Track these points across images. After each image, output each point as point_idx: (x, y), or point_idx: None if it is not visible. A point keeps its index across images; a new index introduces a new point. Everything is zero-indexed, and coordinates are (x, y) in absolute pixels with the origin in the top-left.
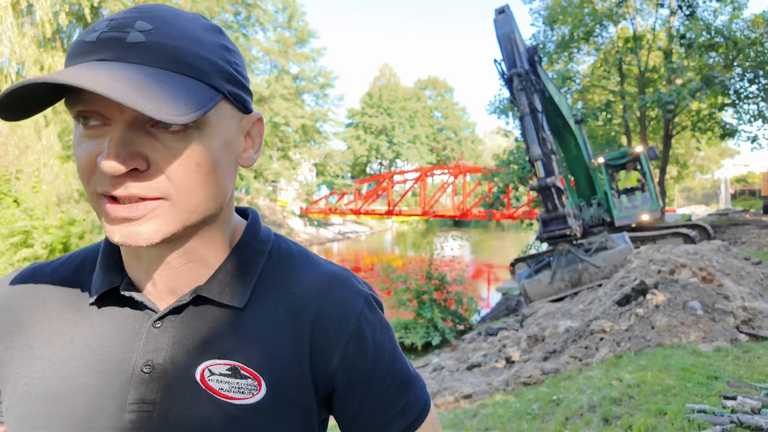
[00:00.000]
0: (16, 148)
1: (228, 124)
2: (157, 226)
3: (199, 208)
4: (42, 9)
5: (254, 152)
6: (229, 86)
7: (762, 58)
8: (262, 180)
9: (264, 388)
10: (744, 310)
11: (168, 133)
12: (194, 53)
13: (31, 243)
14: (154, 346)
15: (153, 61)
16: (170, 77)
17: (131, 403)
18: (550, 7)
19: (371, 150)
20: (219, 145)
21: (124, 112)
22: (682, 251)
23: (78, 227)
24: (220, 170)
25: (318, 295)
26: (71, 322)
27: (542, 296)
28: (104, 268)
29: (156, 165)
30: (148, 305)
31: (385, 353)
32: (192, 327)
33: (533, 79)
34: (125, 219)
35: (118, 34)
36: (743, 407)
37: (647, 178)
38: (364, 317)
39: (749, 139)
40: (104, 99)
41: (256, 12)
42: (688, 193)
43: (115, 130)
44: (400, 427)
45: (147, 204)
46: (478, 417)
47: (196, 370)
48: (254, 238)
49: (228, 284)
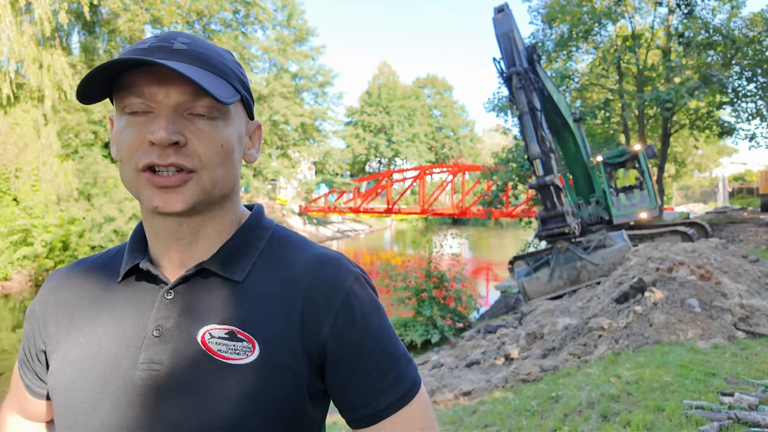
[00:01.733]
0: (16, 147)
1: (241, 122)
2: (188, 194)
3: (219, 183)
4: (41, 7)
5: (255, 152)
6: (243, 91)
7: (760, 56)
8: (261, 178)
9: (258, 350)
10: (741, 307)
11: (201, 119)
12: (221, 62)
13: (31, 241)
14: (164, 314)
15: (194, 62)
16: (208, 74)
17: (142, 362)
18: (549, 6)
19: (370, 148)
20: (235, 135)
21: (171, 99)
22: (680, 249)
23: (78, 226)
24: (235, 156)
25: (311, 272)
26: (100, 298)
27: (541, 294)
28: (130, 251)
29: (191, 142)
30: (162, 279)
31: (373, 327)
32: (197, 297)
33: (532, 78)
34: (164, 187)
35: (165, 44)
36: (740, 403)
37: (645, 177)
38: (353, 292)
39: (747, 137)
40: (152, 89)
41: (255, 10)
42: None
43: (162, 112)
44: (390, 399)
45: (182, 175)
46: (477, 414)
47: (198, 334)
48: (256, 224)
49: (229, 260)
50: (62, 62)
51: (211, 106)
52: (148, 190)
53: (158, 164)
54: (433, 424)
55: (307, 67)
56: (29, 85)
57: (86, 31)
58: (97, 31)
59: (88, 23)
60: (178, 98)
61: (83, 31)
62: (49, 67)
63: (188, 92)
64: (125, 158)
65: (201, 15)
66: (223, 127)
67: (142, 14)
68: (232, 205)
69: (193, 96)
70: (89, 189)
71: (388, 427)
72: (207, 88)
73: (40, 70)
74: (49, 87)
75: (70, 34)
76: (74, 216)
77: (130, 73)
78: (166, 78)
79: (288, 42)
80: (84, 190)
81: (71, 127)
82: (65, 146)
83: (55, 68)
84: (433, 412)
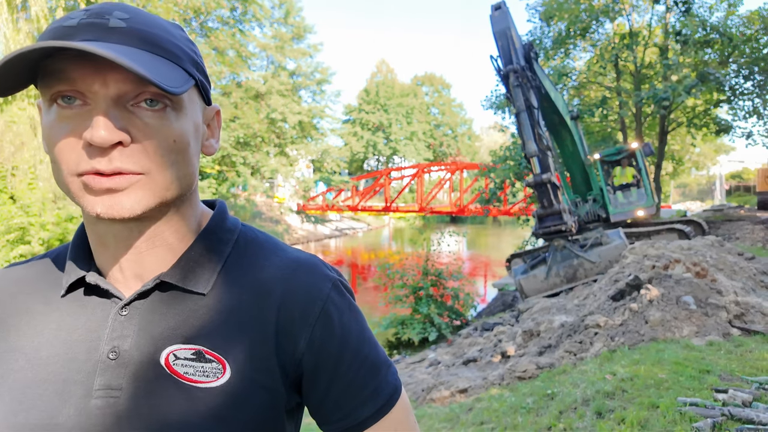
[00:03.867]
0: (12, 145)
1: (196, 110)
2: (138, 197)
3: (173, 185)
4: (37, 4)
5: (215, 142)
6: (197, 74)
7: (757, 54)
8: (259, 177)
9: (228, 371)
10: (737, 304)
11: (148, 111)
12: (169, 40)
13: (28, 240)
14: (120, 333)
15: (134, 44)
16: (152, 57)
17: (97, 389)
18: (547, 3)
19: (368, 146)
20: (190, 127)
21: (109, 89)
22: (676, 247)
23: (75, 224)
24: (191, 151)
25: (284, 279)
26: (41, 313)
27: (538, 292)
28: (73, 260)
29: (137, 140)
30: (114, 293)
31: (353, 337)
32: (157, 313)
33: (529, 76)
34: (108, 190)
35: (98, 20)
36: (734, 400)
37: (642, 174)
38: (330, 300)
39: (744, 135)
40: (86, 77)
41: (252, 8)
42: (684, 189)
43: (100, 106)
44: (370, 410)
45: (129, 177)
46: (473, 411)
47: (161, 355)
48: (219, 226)
49: (191, 270)
50: None
51: (160, 95)
52: (87, 194)
53: (101, 171)
54: (414, 427)
55: (304, 65)
56: None
57: None
58: None
59: None
60: (118, 88)
61: None
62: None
63: (130, 80)
64: (59, 160)
65: (198, 12)
66: (175, 118)
67: None
68: (190, 205)
69: (137, 84)
70: None
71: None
72: (152, 77)
73: None
74: None
75: None
76: (71, 214)
77: (56, 57)
78: (102, 63)
79: (285, 39)
80: None
81: None
82: None
83: None
84: (412, 411)
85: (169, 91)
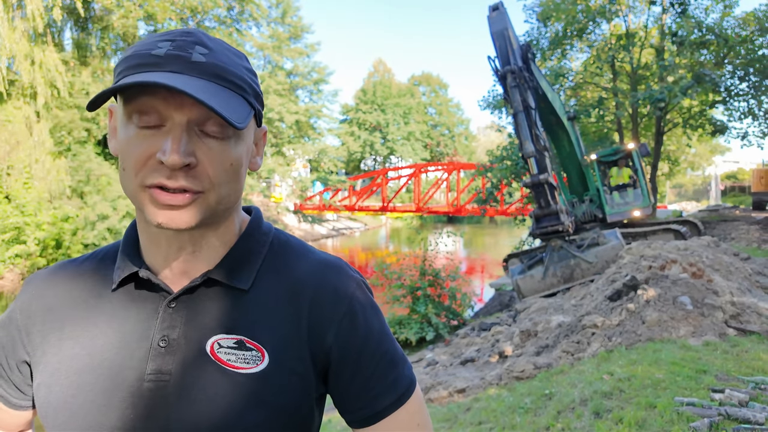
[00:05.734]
0: (7, 144)
1: (250, 135)
2: (194, 212)
3: (225, 200)
4: (33, 3)
5: (260, 159)
6: (256, 104)
7: (752, 55)
8: (256, 176)
9: (267, 358)
10: (733, 305)
11: (212, 138)
12: (239, 75)
13: (24, 239)
14: (169, 324)
15: (211, 78)
16: (224, 92)
17: (149, 373)
18: (544, 4)
19: (365, 146)
20: (244, 151)
21: (184, 115)
22: (672, 247)
23: (71, 224)
24: (243, 171)
25: (314, 279)
26: (94, 307)
27: (535, 292)
28: (125, 257)
29: (202, 164)
30: (164, 287)
31: (374, 332)
32: (203, 306)
33: (526, 76)
34: (170, 206)
35: (183, 53)
36: (731, 400)
37: (639, 175)
38: (356, 299)
39: (739, 136)
40: (166, 100)
41: (249, 7)
42: (680, 190)
43: (175, 131)
44: (390, 399)
45: (189, 195)
46: (471, 411)
47: (206, 344)
48: (257, 229)
49: (234, 269)
50: (55, 59)
51: (225, 125)
52: (151, 206)
53: (168, 186)
54: (427, 420)
55: (301, 65)
56: (21, 82)
57: (79, 27)
58: (90, 28)
59: (81, 19)
60: (191, 114)
61: (76, 27)
62: (41, 63)
63: (202, 108)
64: (130, 170)
65: (195, 11)
66: (234, 145)
67: (135, 11)
68: (234, 214)
69: (207, 112)
70: (82, 187)
71: (386, 425)
72: (223, 113)
73: (32, 67)
74: (42, 84)
75: (63, 30)
76: (67, 214)
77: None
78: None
79: (283, 39)
80: (77, 188)
81: (64, 124)
82: (58, 143)
83: (47, 65)
84: (425, 405)
85: (235, 126)
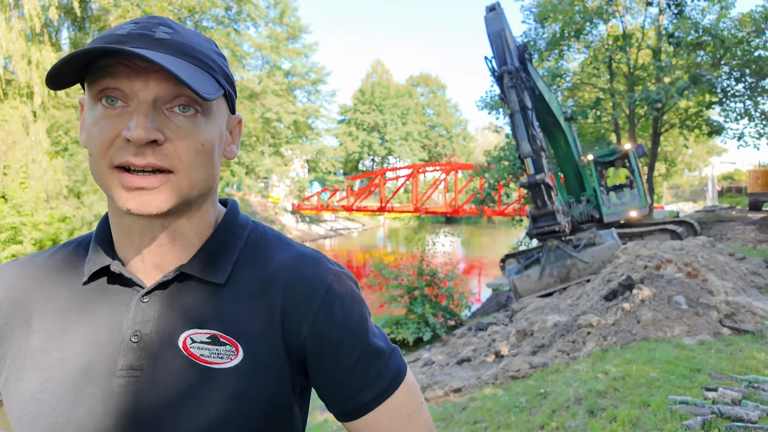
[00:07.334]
0: (4, 144)
1: (222, 118)
2: (166, 196)
3: (197, 185)
4: (30, 3)
5: (236, 147)
6: (227, 85)
7: (748, 56)
8: (253, 176)
9: (241, 353)
10: (727, 304)
11: (181, 115)
12: (204, 53)
13: (20, 239)
14: (142, 318)
15: (176, 54)
16: (190, 66)
17: (120, 369)
18: (541, 5)
19: (363, 147)
20: (216, 133)
21: (149, 91)
22: (668, 247)
23: (68, 224)
24: (215, 154)
25: (289, 271)
26: (66, 299)
27: (531, 292)
28: (96, 250)
29: (170, 140)
30: (136, 281)
31: (353, 323)
32: (176, 300)
33: (523, 77)
34: (139, 188)
35: (146, 32)
36: (724, 398)
37: (636, 175)
38: (332, 290)
39: (736, 136)
40: (130, 78)
41: (247, 7)
42: (676, 190)
43: (141, 108)
44: (374, 392)
45: (159, 176)
46: (467, 410)
47: (179, 339)
48: (233, 222)
49: (209, 262)
50: (51, 58)
51: (193, 101)
52: (121, 190)
53: (134, 164)
54: (419, 408)
55: (299, 65)
56: (18, 82)
57: (76, 27)
58: (87, 27)
59: (78, 19)
60: (157, 91)
61: (73, 27)
62: (38, 63)
63: (168, 85)
64: (97, 153)
65: (192, 11)
66: (204, 124)
67: (132, 10)
68: (209, 204)
69: (174, 89)
70: (79, 186)
71: (373, 418)
72: (190, 83)
73: (29, 66)
74: (38, 83)
75: (60, 30)
76: (64, 214)
77: (105, 59)
78: (146, 68)
79: (280, 39)
80: (74, 188)
81: (61, 124)
82: (55, 143)
83: (44, 64)
84: (421, 395)
85: (203, 97)
